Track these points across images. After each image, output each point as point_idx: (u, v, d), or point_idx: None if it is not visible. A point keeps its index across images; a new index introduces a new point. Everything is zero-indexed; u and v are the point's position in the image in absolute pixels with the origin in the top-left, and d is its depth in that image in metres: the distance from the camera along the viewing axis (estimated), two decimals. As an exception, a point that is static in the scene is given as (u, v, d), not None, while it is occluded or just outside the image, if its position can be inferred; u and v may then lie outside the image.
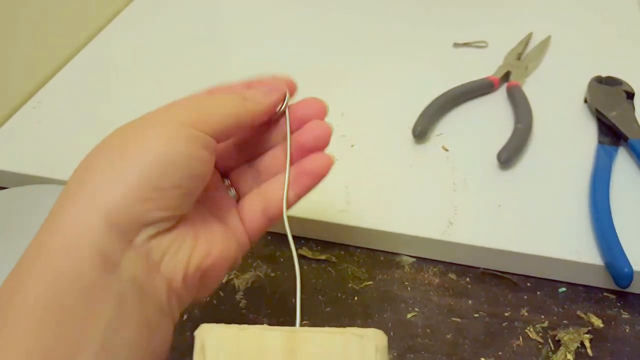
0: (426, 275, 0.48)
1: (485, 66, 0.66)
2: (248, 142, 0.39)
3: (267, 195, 0.37)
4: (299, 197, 0.36)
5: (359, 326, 0.44)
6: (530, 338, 0.43)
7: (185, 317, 0.46)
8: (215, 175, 0.38)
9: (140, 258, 0.28)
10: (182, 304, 0.32)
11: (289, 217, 0.49)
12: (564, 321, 0.44)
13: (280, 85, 0.37)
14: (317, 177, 0.36)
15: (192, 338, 0.44)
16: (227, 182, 0.38)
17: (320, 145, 0.37)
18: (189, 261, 0.31)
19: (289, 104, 0.37)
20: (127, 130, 0.31)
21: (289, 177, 0.35)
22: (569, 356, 0.42)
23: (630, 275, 0.43)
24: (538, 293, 0.46)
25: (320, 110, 0.37)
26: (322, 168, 0.36)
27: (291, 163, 0.36)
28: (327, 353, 0.26)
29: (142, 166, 0.28)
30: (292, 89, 0.38)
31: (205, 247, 0.32)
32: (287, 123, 0.36)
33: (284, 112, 0.37)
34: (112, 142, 0.30)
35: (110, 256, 0.27)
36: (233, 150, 0.38)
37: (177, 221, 0.31)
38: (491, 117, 0.60)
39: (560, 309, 0.45)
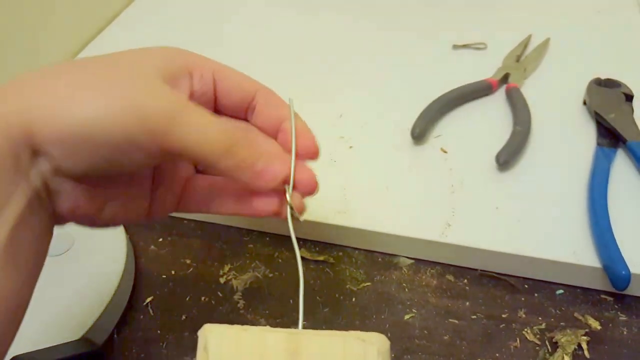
0: (424, 277, 0.48)
1: (484, 68, 0.66)
2: None
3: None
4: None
5: (356, 327, 0.45)
6: (528, 340, 0.44)
7: (183, 317, 0.47)
8: None
9: (42, 180, 0.29)
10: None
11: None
12: (562, 323, 0.44)
13: (274, 179, 0.34)
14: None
15: (191, 337, 0.45)
16: None
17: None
18: (71, 212, 0.31)
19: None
20: (114, 68, 0.30)
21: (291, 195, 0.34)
22: (566, 358, 0.42)
23: (627, 278, 0.43)
24: (536, 295, 0.47)
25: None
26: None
27: None
28: (329, 356, 0.26)
29: (79, 122, 0.27)
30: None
31: (96, 211, 0.32)
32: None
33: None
34: (94, 68, 0.30)
35: (21, 161, 0.27)
36: None
37: (80, 178, 0.31)
38: (490, 119, 0.60)
39: (557, 311, 0.45)
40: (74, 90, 0.28)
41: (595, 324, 0.44)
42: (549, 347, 0.43)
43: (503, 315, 0.45)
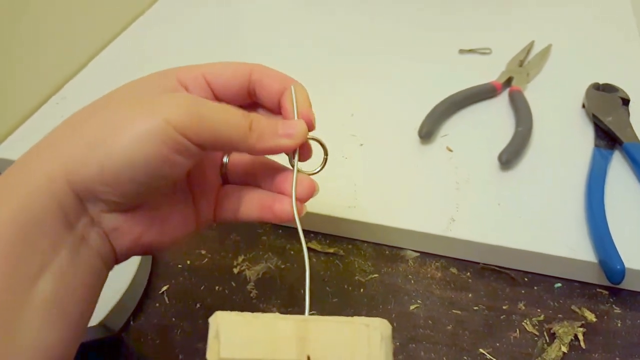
0: (429, 269, 0.50)
1: (488, 72, 0.68)
2: None
3: (245, 198, 0.38)
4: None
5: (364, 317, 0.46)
6: (527, 331, 0.45)
7: (197, 305, 0.48)
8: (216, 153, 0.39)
9: (92, 224, 0.31)
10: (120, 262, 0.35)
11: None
12: (559, 315, 0.46)
13: (299, 134, 0.35)
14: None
15: (205, 325, 0.46)
16: (226, 159, 0.39)
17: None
18: (136, 242, 0.33)
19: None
20: (124, 106, 0.31)
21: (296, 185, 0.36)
22: (563, 348, 0.43)
23: (622, 272, 0.44)
24: (535, 288, 0.48)
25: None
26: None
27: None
28: (336, 340, 0.26)
29: (114, 155, 0.28)
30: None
31: (157, 235, 0.34)
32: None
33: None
34: (109, 112, 0.30)
35: (68, 215, 0.29)
36: None
37: (134, 207, 0.32)
38: (493, 120, 0.62)
39: (555, 304, 0.47)
40: (96, 131, 0.29)
41: (591, 316, 0.46)
42: (547, 337, 0.44)
43: (504, 307, 0.47)
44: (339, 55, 0.74)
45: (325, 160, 0.38)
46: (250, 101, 0.38)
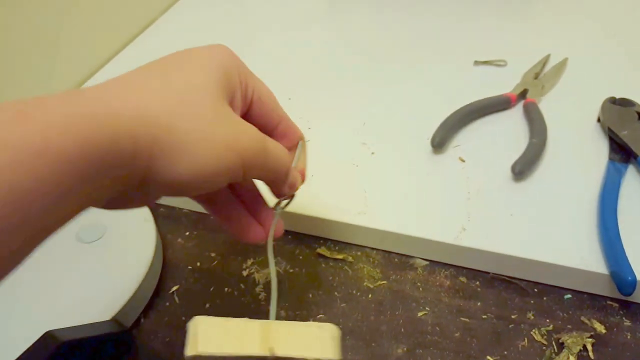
0: (438, 278, 0.50)
1: (503, 83, 0.68)
2: None
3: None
4: None
5: (371, 322, 0.47)
6: (535, 340, 0.45)
7: (207, 305, 0.49)
8: None
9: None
10: None
11: (309, 217, 0.51)
12: (568, 326, 0.46)
13: (297, 187, 0.42)
14: None
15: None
16: None
17: None
18: (132, 206, 0.35)
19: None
20: (203, 116, 0.32)
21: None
22: (572, 358, 0.43)
23: (633, 284, 0.44)
24: (544, 298, 0.48)
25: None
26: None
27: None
28: (293, 338, 0.32)
29: (188, 176, 0.31)
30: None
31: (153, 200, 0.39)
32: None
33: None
34: (191, 119, 0.31)
35: (136, 170, 0.29)
36: None
37: None
38: (507, 132, 0.62)
39: (565, 314, 0.47)
40: (187, 142, 0.30)
41: (600, 328, 0.45)
42: (555, 347, 0.44)
43: (512, 316, 0.47)
44: (351, 63, 0.74)
45: (292, 199, 0.43)
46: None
